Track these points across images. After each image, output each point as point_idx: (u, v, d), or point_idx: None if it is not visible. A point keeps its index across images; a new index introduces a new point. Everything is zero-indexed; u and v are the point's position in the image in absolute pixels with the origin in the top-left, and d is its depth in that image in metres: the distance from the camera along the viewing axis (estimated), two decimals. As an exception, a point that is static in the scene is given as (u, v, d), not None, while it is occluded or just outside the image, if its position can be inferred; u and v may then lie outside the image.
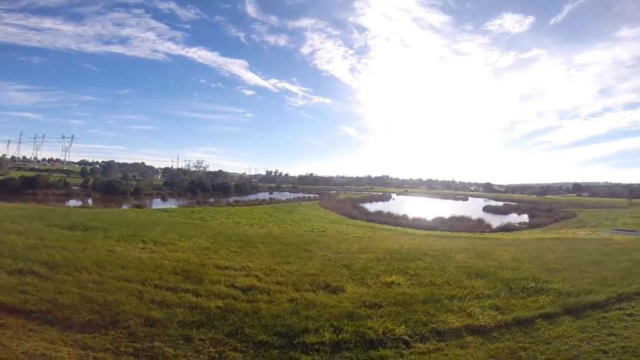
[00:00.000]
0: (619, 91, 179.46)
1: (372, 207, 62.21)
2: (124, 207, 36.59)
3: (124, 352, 3.31)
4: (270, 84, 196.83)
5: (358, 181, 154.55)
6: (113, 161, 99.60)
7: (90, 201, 43.97)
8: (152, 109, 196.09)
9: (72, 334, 3.50)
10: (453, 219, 45.80)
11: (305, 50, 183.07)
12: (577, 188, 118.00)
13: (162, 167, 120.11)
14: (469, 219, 46.47)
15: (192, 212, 27.96)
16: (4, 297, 4.00)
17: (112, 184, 55.53)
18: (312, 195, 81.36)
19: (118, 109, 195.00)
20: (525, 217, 52.52)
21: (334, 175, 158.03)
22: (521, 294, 6.11)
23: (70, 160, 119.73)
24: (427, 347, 4.05)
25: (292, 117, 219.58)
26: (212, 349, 3.55)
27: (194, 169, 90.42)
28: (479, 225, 42.47)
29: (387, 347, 3.96)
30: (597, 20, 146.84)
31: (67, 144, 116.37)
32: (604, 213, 46.93)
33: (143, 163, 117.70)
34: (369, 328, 4.26)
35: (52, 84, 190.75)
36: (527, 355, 3.98)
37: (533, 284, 6.61)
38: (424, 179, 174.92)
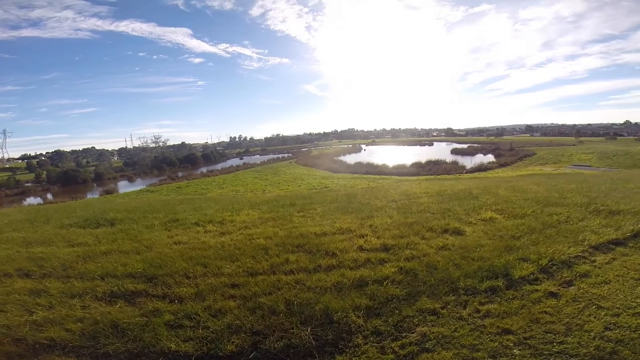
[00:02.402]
0: (560, 44, 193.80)
1: (348, 159, 62.68)
2: (90, 195, 32.94)
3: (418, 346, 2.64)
4: (219, 49, 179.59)
5: (325, 136, 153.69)
6: (61, 150, 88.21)
7: (50, 196, 38.92)
8: (88, 90, 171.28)
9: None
10: (430, 163, 47.67)
11: (255, 12, 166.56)
12: (529, 129, 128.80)
13: (116, 148, 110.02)
14: (444, 162, 48.70)
15: (178, 187, 25.81)
16: (190, 347, 2.67)
17: (68, 174, 49.80)
18: (285, 155, 79.94)
19: (48, 95, 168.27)
20: (490, 157, 56.06)
21: (301, 133, 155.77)
22: (603, 215, 6.24)
23: (10, 157, 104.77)
24: (604, 259, 4.34)
25: (249, 81, 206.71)
26: (464, 310, 3.18)
27: (153, 145, 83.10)
28: (455, 167, 44.78)
29: (578, 264, 4.19)
30: None
31: (0, 140, 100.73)
32: (558, 150, 51.70)
33: (93, 147, 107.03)
34: (545, 252, 4.40)
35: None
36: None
37: (602, 207, 6.80)
38: (388, 128, 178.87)
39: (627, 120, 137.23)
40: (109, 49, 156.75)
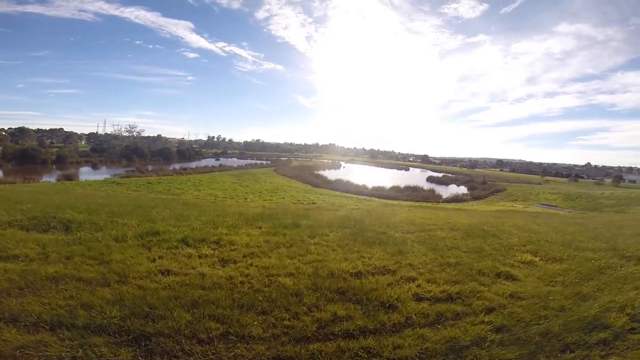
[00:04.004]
0: (543, 80, 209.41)
1: (329, 174, 62.06)
2: (46, 178, 29.23)
3: None
4: (217, 47, 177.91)
5: (306, 148, 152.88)
6: (25, 127, 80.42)
7: (0, 173, 34.39)
8: (74, 72, 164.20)
9: None
10: (408, 188, 48.08)
11: (260, 15, 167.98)
12: (500, 164, 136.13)
13: (86, 132, 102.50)
14: (422, 189, 49.40)
15: (149, 182, 23.19)
16: None
17: (27, 152, 45.49)
18: (264, 162, 77.80)
19: (31, 72, 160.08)
20: (463, 189, 57.88)
21: (282, 141, 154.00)
22: (634, 262, 6.02)
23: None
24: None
25: (240, 82, 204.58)
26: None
27: (126, 133, 77.56)
28: (432, 196, 45.43)
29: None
30: (543, 13, 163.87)
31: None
32: (526, 188, 54.65)
33: (62, 129, 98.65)
34: (621, 300, 4.07)
35: None
36: None
37: (628, 254, 6.59)
38: (367, 148, 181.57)
39: (588, 163, 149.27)
40: (108, 33, 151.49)
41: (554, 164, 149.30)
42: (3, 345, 2.21)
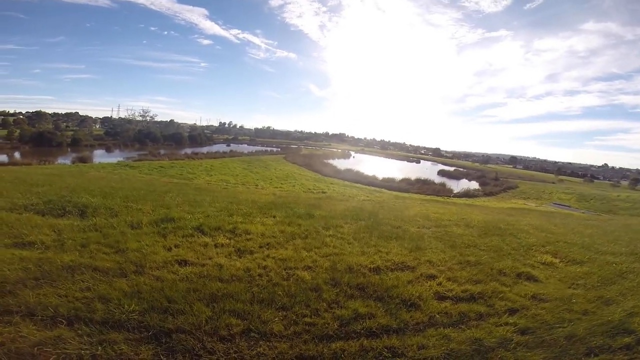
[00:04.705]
0: (564, 78, 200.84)
1: (339, 164, 61.73)
2: (61, 160, 29.81)
3: None
4: (231, 34, 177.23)
5: (316, 137, 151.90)
6: (42, 111, 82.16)
7: (17, 155, 35.32)
8: (89, 57, 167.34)
9: None
10: (419, 181, 47.46)
11: (274, 2, 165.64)
12: (513, 160, 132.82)
13: (101, 116, 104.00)
14: (433, 183, 48.70)
15: (161, 166, 23.41)
16: None
17: (44, 135, 46.56)
18: (274, 149, 77.87)
19: (47, 58, 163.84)
20: (475, 184, 56.78)
21: (292, 129, 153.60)
22: None
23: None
24: None
25: (252, 69, 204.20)
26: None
27: (140, 118, 78.61)
28: (443, 189, 44.75)
29: None
30: (569, 10, 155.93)
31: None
32: (539, 186, 53.43)
33: (77, 113, 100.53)
34: None
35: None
36: None
37: None
38: (378, 139, 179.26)
39: (605, 164, 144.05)
40: (123, 19, 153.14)
41: (570, 163, 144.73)
42: (21, 341, 2.14)
